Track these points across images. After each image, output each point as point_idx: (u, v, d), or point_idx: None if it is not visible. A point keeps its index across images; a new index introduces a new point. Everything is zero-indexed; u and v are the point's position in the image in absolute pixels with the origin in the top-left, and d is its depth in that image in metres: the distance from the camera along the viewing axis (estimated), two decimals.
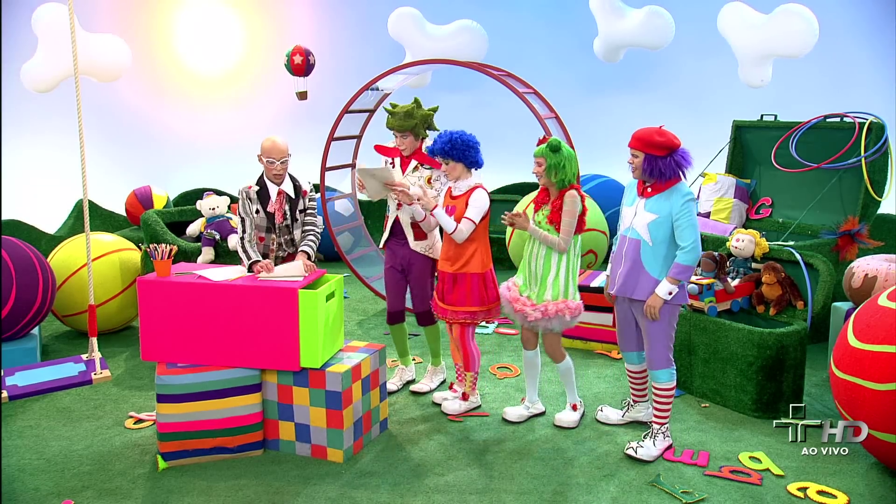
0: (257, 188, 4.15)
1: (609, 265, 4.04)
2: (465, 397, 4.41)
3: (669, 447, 3.91)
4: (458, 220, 4.11)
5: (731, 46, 7.30)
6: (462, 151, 4.10)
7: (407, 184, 4.35)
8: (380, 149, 4.76)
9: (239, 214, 4.17)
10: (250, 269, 4.07)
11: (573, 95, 8.86)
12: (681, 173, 3.68)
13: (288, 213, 4.20)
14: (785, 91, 7.66)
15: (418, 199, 4.20)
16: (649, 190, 3.73)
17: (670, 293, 3.67)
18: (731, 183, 6.47)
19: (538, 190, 4.11)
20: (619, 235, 3.90)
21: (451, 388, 4.56)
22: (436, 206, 4.15)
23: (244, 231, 4.16)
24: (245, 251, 4.14)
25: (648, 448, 3.83)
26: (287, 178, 4.20)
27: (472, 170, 4.21)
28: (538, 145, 3.97)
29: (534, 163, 3.98)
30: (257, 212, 4.13)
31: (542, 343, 4.18)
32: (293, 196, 4.20)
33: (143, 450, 3.96)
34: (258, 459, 3.84)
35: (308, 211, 4.29)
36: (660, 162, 3.63)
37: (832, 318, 5.15)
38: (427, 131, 4.59)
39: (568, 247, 3.94)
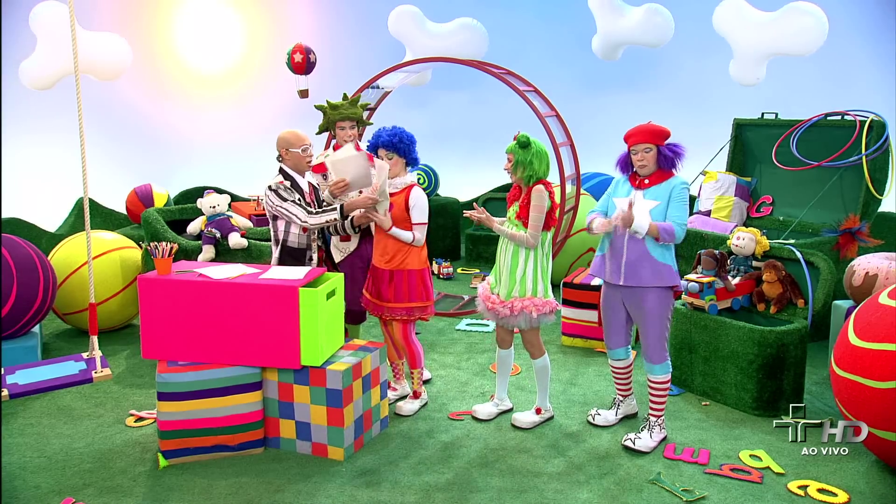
0: (288, 182, 4.15)
1: (599, 255, 4.01)
2: (416, 395, 4.43)
3: (664, 439, 3.95)
4: (395, 218, 4.12)
5: (729, 44, 7.28)
6: (407, 146, 4.14)
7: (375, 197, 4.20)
8: (318, 168, 4.68)
9: (282, 203, 4.06)
10: (345, 216, 4.10)
11: (573, 93, 8.86)
12: (681, 160, 3.80)
13: (315, 202, 4.28)
14: (785, 89, 7.66)
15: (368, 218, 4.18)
16: (647, 182, 3.80)
17: (637, 231, 3.67)
18: (732, 181, 6.47)
19: (512, 187, 4.12)
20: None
21: (388, 386, 4.56)
22: (392, 227, 4.14)
23: (302, 208, 4.08)
24: (324, 212, 4.08)
25: (646, 440, 3.88)
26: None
27: (408, 168, 4.22)
28: (513, 141, 3.97)
29: (505, 159, 3.99)
30: (298, 202, 4.13)
31: (522, 339, 4.19)
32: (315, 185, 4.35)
33: (143, 448, 3.96)
34: (259, 457, 3.84)
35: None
36: (672, 148, 3.76)
37: (833, 317, 5.15)
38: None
39: (537, 242, 3.93)
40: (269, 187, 4.13)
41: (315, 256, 4.30)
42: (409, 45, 8.34)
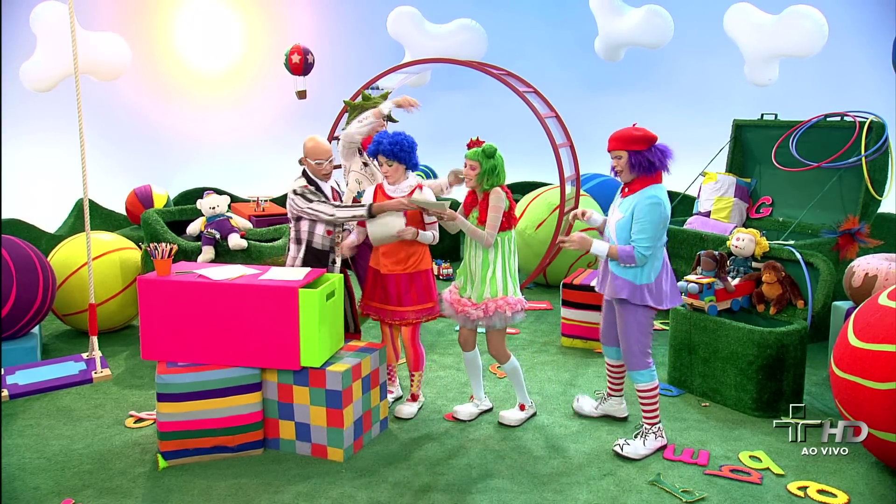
0: (312, 187, 4.14)
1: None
2: (415, 398, 4.43)
3: (664, 447, 3.91)
4: (409, 222, 4.09)
5: (738, 46, 7.31)
6: (407, 154, 4.09)
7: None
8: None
9: (308, 204, 4.06)
10: (371, 213, 4.05)
11: (574, 94, 8.87)
12: (666, 164, 3.69)
13: None
14: (785, 90, 7.67)
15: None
16: (626, 190, 3.78)
17: (597, 256, 3.70)
18: (732, 182, 6.47)
19: (466, 194, 4.13)
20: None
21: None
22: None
23: (328, 203, 4.08)
24: (352, 207, 4.08)
25: (636, 447, 3.84)
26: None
27: (407, 172, 4.18)
28: (469, 148, 3.98)
29: (465, 165, 3.99)
30: (324, 201, 4.12)
31: (487, 345, 4.19)
32: (340, 192, 4.32)
33: (143, 449, 3.96)
34: (258, 458, 3.84)
35: None
36: (646, 154, 3.65)
37: (832, 318, 5.16)
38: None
39: (493, 241, 3.96)
40: (294, 191, 4.09)
41: (339, 260, 4.28)
42: (408, 46, 8.35)
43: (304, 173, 4.18)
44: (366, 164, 4.73)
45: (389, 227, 4.01)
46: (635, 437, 3.91)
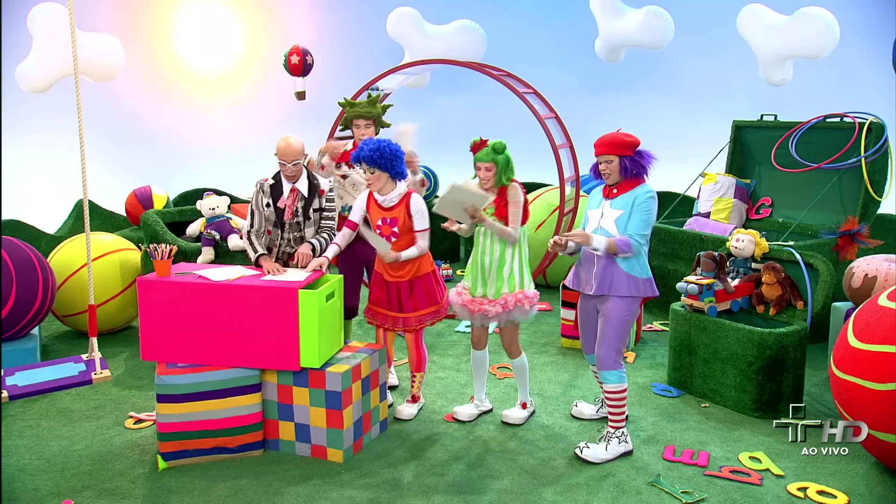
0: (272, 182, 4.16)
1: (576, 265, 4.02)
2: (415, 399, 4.42)
3: (629, 453, 3.87)
4: (401, 231, 4.06)
5: (752, 46, 7.31)
6: (389, 161, 3.97)
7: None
8: (343, 157, 4.67)
9: (251, 206, 4.20)
10: (256, 263, 4.11)
11: (574, 95, 8.86)
12: (648, 169, 3.78)
13: (300, 210, 4.19)
14: (785, 91, 7.66)
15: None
16: (615, 191, 3.80)
17: (596, 248, 3.71)
18: (731, 183, 6.47)
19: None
20: None
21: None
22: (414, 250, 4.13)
23: (252, 224, 4.18)
24: (251, 244, 4.14)
25: (596, 450, 3.81)
26: (304, 177, 4.19)
27: (397, 181, 4.08)
28: (474, 150, 3.97)
29: (481, 168, 3.96)
30: (268, 205, 4.14)
31: (501, 340, 4.22)
32: (307, 195, 4.20)
33: (143, 450, 3.96)
34: (258, 459, 3.84)
35: (325, 213, 4.26)
36: (636, 158, 3.74)
37: (832, 318, 5.16)
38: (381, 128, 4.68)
39: (518, 236, 4.00)
40: (256, 183, 4.19)
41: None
42: (407, 47, 8.35)
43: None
44: (344, 177, 4.65)
45: (374, 248, 4.02)
46: (599, 440, 3.88)
